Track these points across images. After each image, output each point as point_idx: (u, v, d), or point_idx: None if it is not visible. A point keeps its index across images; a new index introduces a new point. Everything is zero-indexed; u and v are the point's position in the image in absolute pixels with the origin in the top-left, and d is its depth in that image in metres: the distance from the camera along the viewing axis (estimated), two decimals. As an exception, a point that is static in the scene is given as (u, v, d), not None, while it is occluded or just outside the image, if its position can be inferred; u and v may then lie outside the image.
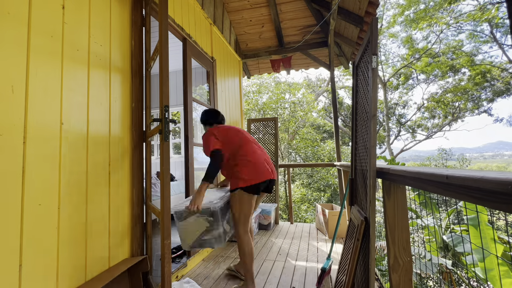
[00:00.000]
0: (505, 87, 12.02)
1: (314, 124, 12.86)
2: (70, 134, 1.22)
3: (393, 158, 8.01)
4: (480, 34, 12.16)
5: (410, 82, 14.42)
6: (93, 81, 1.38)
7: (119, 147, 1.55)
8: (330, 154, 9.45)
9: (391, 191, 1.22)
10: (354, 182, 1.84)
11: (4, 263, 0.93)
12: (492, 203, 0.57)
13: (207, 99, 3.19)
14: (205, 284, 1.98)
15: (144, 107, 1.82)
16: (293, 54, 4.27)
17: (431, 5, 11.65)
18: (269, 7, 3.64)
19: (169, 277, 1.31)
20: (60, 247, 1.14)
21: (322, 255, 2.56)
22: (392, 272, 1.19)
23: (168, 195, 1.35)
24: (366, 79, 1.45)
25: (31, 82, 1.05)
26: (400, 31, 19.11)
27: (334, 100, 3.94)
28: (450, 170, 0.76)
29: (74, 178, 1.24)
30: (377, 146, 1.43)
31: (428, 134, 14.44)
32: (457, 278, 3.78)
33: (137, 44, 1.74)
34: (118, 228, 1.51)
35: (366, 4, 2.88)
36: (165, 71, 1.36)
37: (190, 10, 2.63)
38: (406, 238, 1.20)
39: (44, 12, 1.13)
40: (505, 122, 15.43)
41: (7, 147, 0.96)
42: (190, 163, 2.40)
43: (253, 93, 10.08)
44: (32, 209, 1.03)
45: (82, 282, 1.24)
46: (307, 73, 23.46)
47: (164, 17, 1.39)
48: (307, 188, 9.26)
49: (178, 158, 4.76)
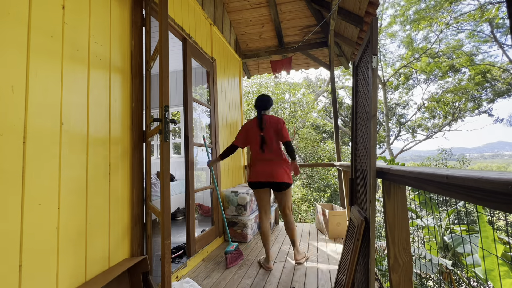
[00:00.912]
0: (505, 87, 12.02)
1: (314, 124, 12.85)
2: (70, 134, 1.22)
3: (392, 158, 8.00)
4: (479, 34, 12.17)
5: (410, 82, 14.43)
6: (93, 81, 1.38)
7: (119, 147, 1.55)
8: (330, 154, 9.45)
9: (391, 191, 1.22)
10: (354, 182, 1.84)
11: (4, 263, 0.93)
12: (492, 203, 0.57)
13: (207, 99, 3.19)
14: (205, 284, 1.98)
15: (144, 107, 1.82)
16: (293, 54, 4.27)
17: (432, 4, 11.64)
18: (269, 7, 3.64)
19: (169, 277, 1.31)
20: (60, 247, 1.14)
21: (322, 255, 2.56)
22: (392, 272, 1.19)
23: (168, 195, 1.35)
24: (366, 79, 1.45)
25: (31, 82, 1.05)
26: (399, 30, 19.12)
27: (334, 100, 3.94)
28: (450, 170, 0.76)
29: (74, 178, 1.24)
30: (377, 146, 1.43)
31: (428, 134, 14.44)
32: (457, 278, 3.77)
33: (137, 44, 1.74)
34: (118, 228, 1.51)
35: (366, 4, 2.89)
36: (165, 71, 1.36)
37: (190, 10, 2.63)
38: (406, 238, 1.20)
39: (44, 12, 1.13)
40: (505, 123, 15.44)
41: (7, 147, 0.96)
42: (190, 163, 2.40)
43: (253, 93, 10.08)
44: (32, 209, 1.03)
45: (82, 282, 1.24)
46: (307, 73, 23.48)
47: (164, 17, 1.39)
48: (307, 188, 9.26)
49: (178, 158, 4.77)
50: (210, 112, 3.03)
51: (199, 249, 2.44)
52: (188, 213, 2.33)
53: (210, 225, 3.29)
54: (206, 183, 4.35)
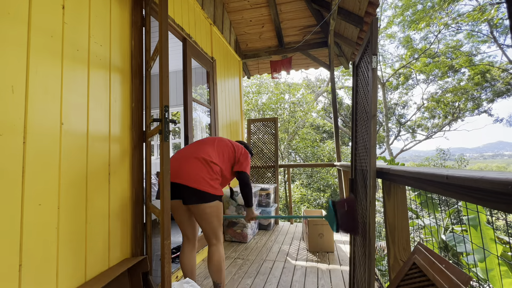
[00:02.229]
0: (505, 87, 12.03)
1: (313, 124, 12.86)
2: (70, 134, 1.22)
3: (392, 158, 8.01)
4: (478, 34, 12.18)
5: (410, 82, 14.43)
6: (93, 81, 1.38)
7: (119, 147, 1.55)
8: (330, 154, 9.46)
9: (391, 191, 1.22)
10: (354, 182, 1.84)
11: (4, 263, 0.93)
12: (492, 203, 0.57)
13: (207, 99, 3.19)
14: (205, 284, 1.98)
15: (144, 107, 1.82)
16: (293, 54, 4.27)
17: (429, 6, 11.66)
18: (269, 7, 3.64)
19: (169, 277, 1.31)
20: (60, 247, 1.14)
21: (322, 255, 2.56)
22: (392, 272, 1.19)
23: (168, 195, 1.35)
24: (366, 79, 1.45)
25: (31, 82, 1.05)
26: (398, 31, 19.12)
27: (334, 100, 3.94)
28: (450, 170, 0.76)
29: (74, 178, 1.24)
30: (377, 146, 1.42)
31: (428, 134, 14.45)
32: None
33: (137, 44, 1.74)
34: (118, 228, 1.51)
35: (366, 4, 2.89)
36: (165, 71, 1.36)
37: (190, 10, 2.63)
38: (406, 238, 1.20)
39: (44, 12, 1.13)
40: (505, 123, 15.45)
41: (7, 147, 0.96)
42: (190, 163, 2.40)
43: (253, 93, 10.09)
44: (32, 209, 1.03)
45: (82, 282, 1.24)
46: (306, 73, 23.48)
47: (164, 17, 1.39)
48: (306, 188, 9.26)
49: (178, 158, 4.76)
50: (210, 112, 3.03)
51: (199, 249, 2.44)
52: (188, 213, 2.33)
53: (210, 225, 3.28)
54: (206, 183, 4.34)
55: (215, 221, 1.53)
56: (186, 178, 1.46)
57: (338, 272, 2.16)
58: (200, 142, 1.69)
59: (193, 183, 1.45)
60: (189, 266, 1.60)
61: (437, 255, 0.83)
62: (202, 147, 1.61)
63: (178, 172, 1.49)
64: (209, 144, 1.65)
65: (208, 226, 1.52)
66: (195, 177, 1.47)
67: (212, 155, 1.58)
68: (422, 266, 0.85)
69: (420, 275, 0.86)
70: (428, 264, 0.83)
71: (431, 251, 0.87)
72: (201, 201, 1.46)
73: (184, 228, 1.62)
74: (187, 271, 1.60)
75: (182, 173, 1.48)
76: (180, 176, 1.47)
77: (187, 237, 1.64)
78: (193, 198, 1.46)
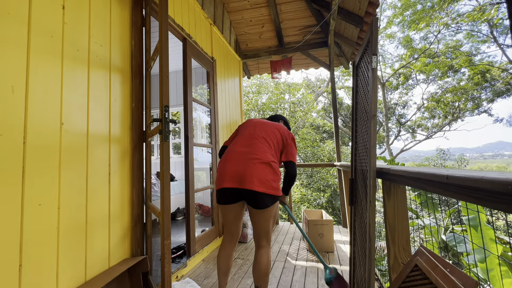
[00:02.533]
0: (505, 87, 12.03)
1: (313, 125, 12.86)
2: (70, 134, 1.22)
3: (392, 158, 8.01)
4: (477, 34, 12.18)
5: (410, 82, 14.44)
6: (93, 81, 1.38)
7: (119, 147, 1.55)
8: (330, 154, 9.46)
9: (391, 191, 1.22)
10: (354, 182, 1.84)
11: (4, 263, 0.93)
12: (492, 203, 0.57)
13: (207, 99, 3.19)
14: (205, 284, 1.98)
15: (144, 107, 1.82)
16: (293, 54, 4.27)
17: (428, 6, 11.66)
18: (269, 7, 3.64)
19: (169, 277, 1.31)
20: (60, 247, 1.14)
21: (322, 255, 2.56)
22: (392, 272, 1.19)
23: (168, 195, 1.35)
24: (366, 79, 1.45)
25: (31, 82, 1.05)
26: (398, 31, 19.12)
27: (334, 100, 3.94)
28: (450, 170, 0.76)
29: (74, 178, 1.24)
30: (377, 146, 1.41)
31: (428, 134, 14.45)
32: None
33: (137, 44, 1.74)
34: (118, 228, 1.51)
35: (366, 4, 2.89)
36: (165, 71, 1.36)
37: (190, 10, 2.63)
38: (406, 238, 1.20)
39: (44, 12, 1.13)
40: (505, 122, 15.46)
41: (7, 147, 0.96)
42: (190, 163, 2.40)
43: (253, 93, 10.09)
44: (32, 209, 1.03)
45: (82, 282, 1.24)
46: (306, 73, 23.48)
47: (164, 17, 1.39)
48: (307, 188, 9.26)
49: (178, 158, 4.76)
50: (210, 112, 3.03)
51: (199, 249, 2.44)
52: (188, 213, 2.33)
53: (210, 225, 3.29)
54: (206, 183, 4.35)
55: (271, 222, 1.51)
56: (257, 183, 1.41)
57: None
58: (251, 137, 1.59)
59: (263, 188, 1.42)
60: (227, 267, 1.55)
61: (441, 258, 0.82)
62: (258, 146, 1.54)
63: (243, 176, 1.43)
64: (263, 140, 1.58)
65: (264, 224, 1.48)
66: (264, 182, 1.43)
67: (269, 153, 1.54)
68: (424, 269, 0.85)
69: (422, 278, 0.86)
70: (431, 267, 0.82)
71: (434, 254, 0.86)
72: (271, 204, 1.45)
73: (231, 226, 1.56)
74: (224, 272, 1.54)
75: (247, 177, 1.43)
76: (246, 182, 1.42)
77: (232, 235, 1.57)
78: (267, 202, 1.44)
